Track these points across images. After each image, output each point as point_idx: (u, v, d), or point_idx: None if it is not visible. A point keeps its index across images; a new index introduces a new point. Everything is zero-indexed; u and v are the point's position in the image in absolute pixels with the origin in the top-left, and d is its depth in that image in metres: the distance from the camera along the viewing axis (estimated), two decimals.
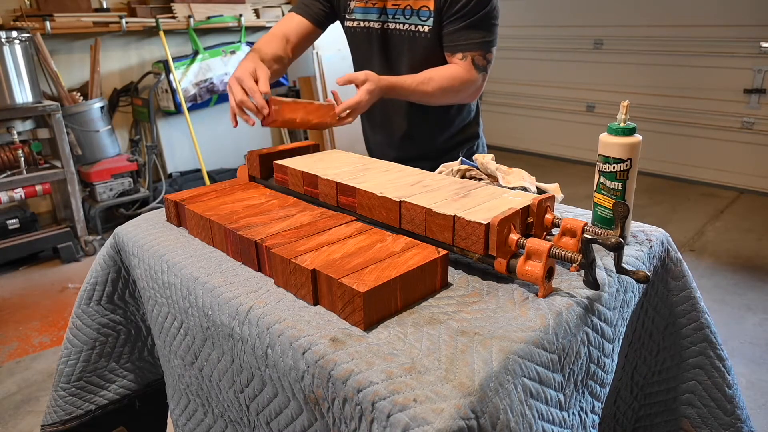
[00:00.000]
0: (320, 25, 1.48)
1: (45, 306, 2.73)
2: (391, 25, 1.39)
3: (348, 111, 1.24)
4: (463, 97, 1.39)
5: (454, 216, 0.82)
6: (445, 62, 1.37)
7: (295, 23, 1.45)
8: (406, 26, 1.37)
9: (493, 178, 1.10)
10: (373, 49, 1.44)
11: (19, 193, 3.07)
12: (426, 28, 1.34)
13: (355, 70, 1.55)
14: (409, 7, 1.35)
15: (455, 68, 1.33)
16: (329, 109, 1.25)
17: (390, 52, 1.43)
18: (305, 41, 1.48)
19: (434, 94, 1.32)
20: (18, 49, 2.95)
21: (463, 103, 1.47)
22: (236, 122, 1.22)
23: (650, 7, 4.16)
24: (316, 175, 1.04)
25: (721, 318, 2.44)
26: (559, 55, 4.77)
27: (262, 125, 1.20)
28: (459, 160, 1.17)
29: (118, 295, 1.16)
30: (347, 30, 1.48)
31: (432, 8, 1.32)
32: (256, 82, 1.20)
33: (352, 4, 1.42)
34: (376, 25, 1.41)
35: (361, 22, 1.42)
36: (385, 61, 1.44)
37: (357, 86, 1.25)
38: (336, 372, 0.65)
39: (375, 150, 1.60)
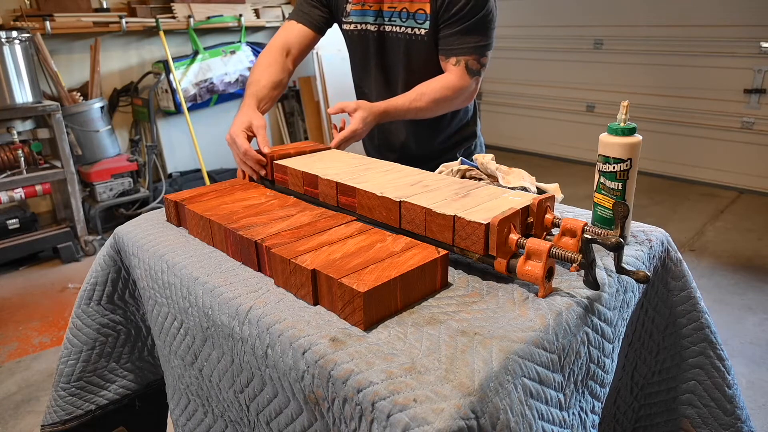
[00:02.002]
0: (320, 30, 1.48)
1: (45, 306, 2.73)
2: (388, 28, 1.38)
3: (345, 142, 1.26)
4: (457, 104, 1.39)
5: (454, 216, 0.82)
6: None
7: (296, 32, 1.44)
8: (403, 29, 1.36)
9: (493, 178, 1.09)
10: (369, 52, 1.44)
11: (19, 193, 3.07)
12: (422, 31, 1.34)
13: (353, 73, 1.55)
14: (405, 10, 1.34)
15: (447, 78, 1.33)
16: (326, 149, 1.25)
17: (387, 55, 1.43)
18: (307, 49, 1.47)
19: (428, 108, 1.32)
20: (18, 49, 2.95)
21: (458, 108, 1.47)
22: (243, 174, 1.23)
23: (650, 7, 4.16)
24: (316, 175, 1.04)
25: (721, 318, 2.44)
26: (559, 55, 4.77)
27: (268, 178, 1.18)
28: (459, 160, 1.17)
29: (118, 295, 1.16)
30: (344, 33, 1.47)
31: (428, 11, 1.31)
32: (253, 136, 1.20)
33: (349, 7, 1.41)
34: (372, 28, 1.40)
35: (358, 25, 1.42)
36: (382, 63, 1.44)
37: (349, 114, 1.25)
38: (336, 372, 0.65)
39: (373, 154, 1.60)
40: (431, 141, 1.51)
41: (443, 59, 1.35)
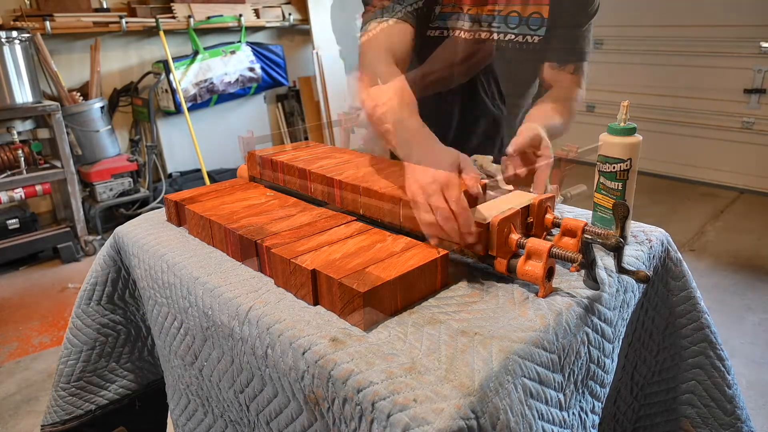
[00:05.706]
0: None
1: (45, 306, 2.73)
2: (485, 35, 1.20)
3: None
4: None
5: None
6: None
7: (400, 36, 1.12)
8: (510, 36, 1.18)
9: (492, 178, 1.09)
10: (453, 62, 1.24)
11: (19, 193, 3.07)
12: (536, 39, 1.18)
13: (420, 84, 1.29)
14: (515, 14, 1.17)
15: (572, 88, 1.19)
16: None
17: (481, 65, 1.25)
18: (409, 57, 1.15)
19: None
20: (18, 49, 2.95)
21: None
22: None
23: (650, 7, 4.16)
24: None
25: (721, 318, 2.44)
26: None
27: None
28: None
29: (118, 295, 1.16)
30: (426, 38, 1.23)
31: (545, 15, 1.16)
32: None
33: (437, 9, 1.21)
34: (465, 35, 1.20)
35: (445, 31, 1.22)
36: (469, 75, 1.26)
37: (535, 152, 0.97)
38: (336, 372, 0.65)
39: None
40: (501, 153, 1.34)
41: (554, 66, 1.20)
